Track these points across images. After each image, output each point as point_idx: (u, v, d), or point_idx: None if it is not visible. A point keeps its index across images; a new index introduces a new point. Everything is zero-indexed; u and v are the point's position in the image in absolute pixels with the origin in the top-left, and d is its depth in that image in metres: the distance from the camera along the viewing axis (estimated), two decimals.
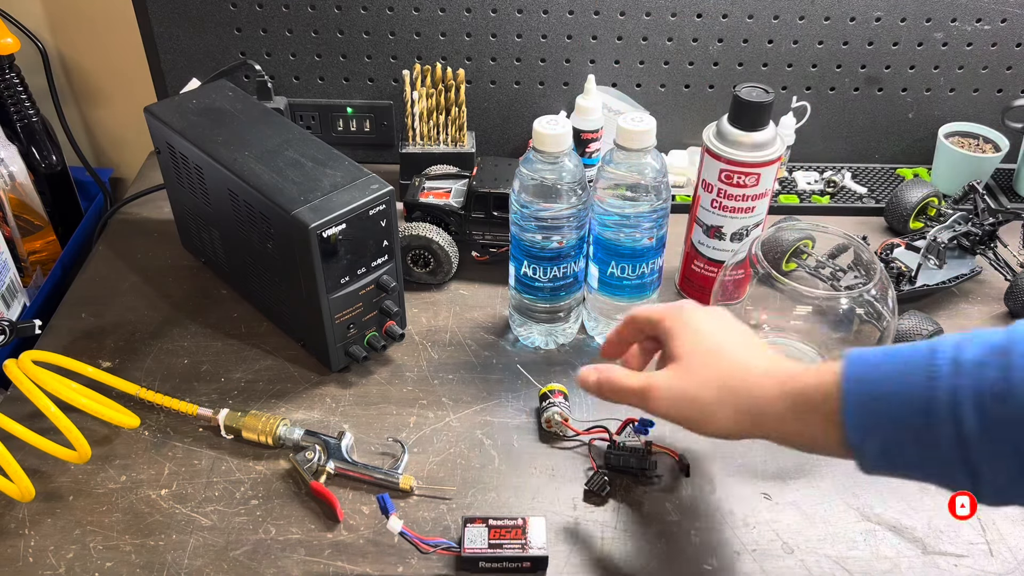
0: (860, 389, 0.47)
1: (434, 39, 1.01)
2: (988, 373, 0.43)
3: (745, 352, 0.56)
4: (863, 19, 0.98)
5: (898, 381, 0.46)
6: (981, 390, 0.43)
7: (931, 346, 0.46)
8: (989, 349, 0.44)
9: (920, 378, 0.45)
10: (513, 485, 0.68)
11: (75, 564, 0.62)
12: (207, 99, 0.83)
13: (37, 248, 1.01)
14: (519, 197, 0.73)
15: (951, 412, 0.43)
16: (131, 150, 1.20)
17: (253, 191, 0.71)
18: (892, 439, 0.46)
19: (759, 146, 0.76)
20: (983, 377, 0.43)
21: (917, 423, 0.44)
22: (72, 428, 0.65)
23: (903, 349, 0.47)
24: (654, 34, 1.00)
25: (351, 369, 0.79)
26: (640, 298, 0.79)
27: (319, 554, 0.63)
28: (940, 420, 0.44)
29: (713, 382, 0.54)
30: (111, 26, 1.07)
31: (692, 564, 0.62)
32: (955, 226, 0.88)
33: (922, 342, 0.47)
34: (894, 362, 0.47)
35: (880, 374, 0.47)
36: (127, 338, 0.82)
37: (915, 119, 1.07)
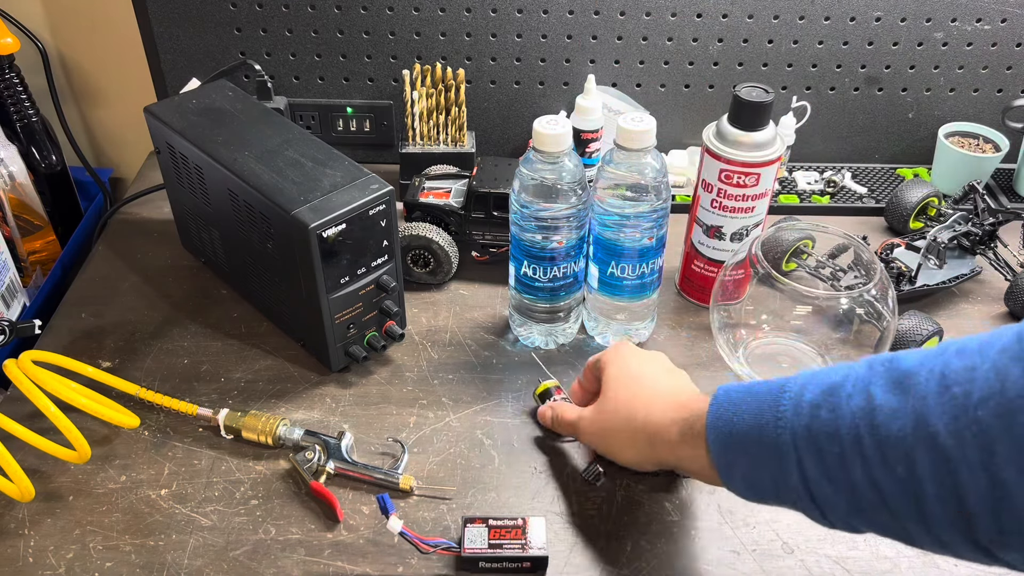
0: (720, 427, 0.52)
1: (434, 39, 1.01)
2: (821, 413, 0.46)
3: (655, 383, 0.62)
4: (863, 19, 0.98)
5: (751, 420, 0.50)
6: (815, 430, 0.46)
7: (783, 384, 0.50)
8: (824, 389, 0.47)
9: (769, 418, 0.49)
10: (513, 485, 0.68)
11: (75, 564, 0.62)
12: (207, 99, 0.83)
13: (37, 248, 1.01)
14: (519, 197, 0.73)
15: (793, 453, 0.47)
16: (131, 150, 1.20)
17: (253, 191, 0.71)
18: (751, 474, 0.50)
19: (759, 146, 0.76)
20: (817, 417, 0.46)
21: (768, 460, 0.48)
22: (72, 428, 0.65)
23: (761, 386, 0.51)
24: (654, 34, 1.00)
25: (351, 369, 0.79)
26: (640, 298, 0.79)
27: (319, 554, 0.63)
28: (785, 459, 0.47)
29: (622, 411, 0.61)
30: (111, 26, 1.07)
31: (692, 564, 0.62)
32: (955, 226, 0.88)
33: (780, 379, 0.50)
34: (750, 400, 0.51)
35: (737, 412, 0.51)
36: (127, 338, 0.82)
37: (915, 119, 1.07)
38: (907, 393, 0.43)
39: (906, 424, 0.42)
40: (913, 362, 0.44)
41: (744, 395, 0.51)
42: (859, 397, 0.45)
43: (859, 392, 0.45)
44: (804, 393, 0.48)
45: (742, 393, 0.52)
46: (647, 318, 0.82)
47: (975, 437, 0.39)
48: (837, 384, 0.46)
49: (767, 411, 0.49)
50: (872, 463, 0.43)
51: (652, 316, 0.83)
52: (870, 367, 0.46)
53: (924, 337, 0.75)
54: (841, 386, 0.46)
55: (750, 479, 0.51)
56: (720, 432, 0.52)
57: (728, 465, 0.52)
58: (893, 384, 0.44)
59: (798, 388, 0.48)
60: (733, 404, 0.52)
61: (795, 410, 0.47)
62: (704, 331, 0.84)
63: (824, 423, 0.45)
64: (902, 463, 0.42)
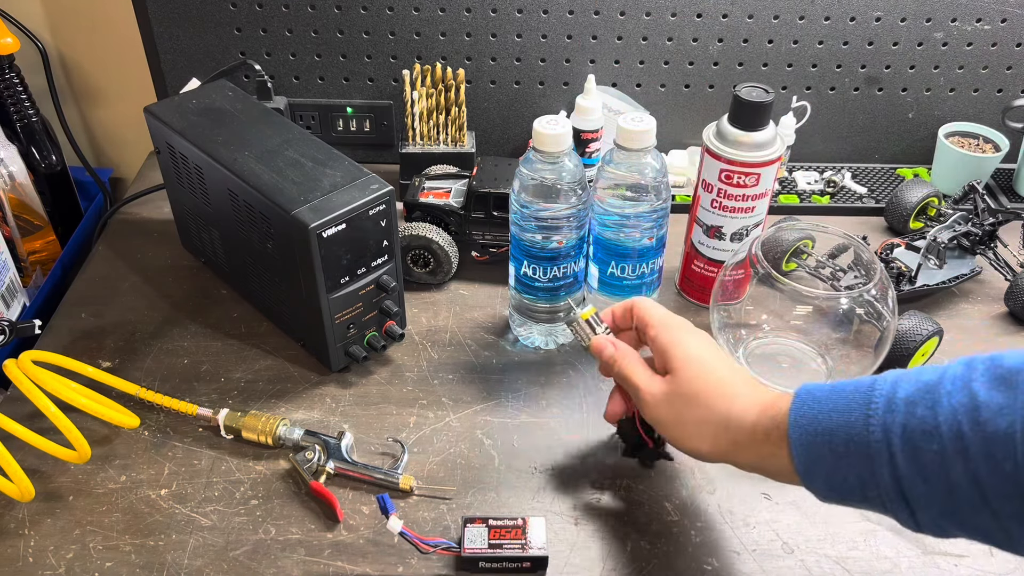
0: (804, 424, 0.50)
1: (434, 39, 1.01)
2: (918, 411, 0.44)
3: (731, 377, 0.58)
4: (863, 19, 0.98)
5: (838, 418, 0.48)
6: (911, 428, 0.44)
7: (872, 383, 0.48)
8: (921, 386, 0.45)
9: (858, 415, 0.47)
10: (513, 485, 0.68)
11: (75, 564, 0.62)
12: (207, 99, 0.83)
13: (37, 248, 1.01)
14: (519, 197, 0.73)
15: (886, 449, 0.45)
16: (131, 150, 1.20)
17: (253, 191, 0.71)
18: (835, 474, 0.48)
19: (759, 146, 0.76)
20: (913, 415, 0.45)
21: (856, 459, 0.47)
22: (72, 428, 0.65)
23: (847, 385, 0.49)
24: (654, 34, 1.00)
25: (351, 369, 0.79)
26: None
27: (319, 554, 0.63)
28: (876, 457, 0.45)
29: (702, 400, 0.57)
30: (111, 26, 1.07)
31: (692, 564, 0.62)
32: (955, 226, 0.88)
33: (867, 378, 0.49)
34: (836, 398, 0.49)
35: (823, 410, 0.49)
36: (127, 338, 0.82)
37: (915, 119, 1.07)
38: (1014, 389, 0.42)
39: (1015, 420, 0.41)
40: (1017, 360, 0.43)
41: (829, 392, 0.50)
42: (960, 394, 0.43)
43: (959, 389, 0.44)
44: (897, 390, 0.46)
45: (826, 391, 0.50)
46: None
47: None
48: (934, 382, 0.45)
49: (856, 408, 0.47)
50: (976, 461, 0.42)
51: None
52: (968, 365, 0.45)
53: (924, 337, 0.75)
54: (939, 384, 0.45)
55: (834, 479, 0.48)
56: (804, 430, 0.49)
57: (810, 464, 0.49)
58: (997, 381, 0.43)
59: (889, 385, 0.47)
60: (817, 402, 0.50)
61: (888, 406, 0.46)
62: (704, 331, 0.84)
63: (921, 420, 0.44)
64: (1010, 460, 0.40)
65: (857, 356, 0.73)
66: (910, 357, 0.75)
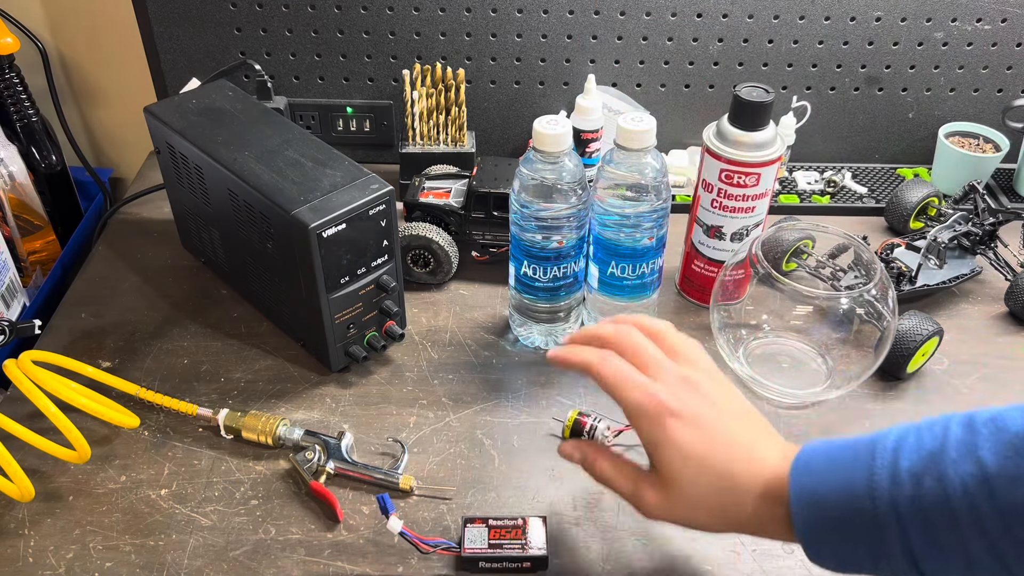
0: (805, 500, 0.47)
1: (434, 39, 1.01)
2: (925, 482, 0.43)
3: (730, 462, 0.51)
4: (863, 19, 0.98)
5: (841, 493, 0.46)
6: (920, 502, 0.43)
7: (871, 450, 0.46)
8: (924, 456, 0.44)
9: (862, 489, 0.45)
10: (513, 485, 0.68)
11: (75, 564, 0.62)
12: (207, 99, 0.83)
13: (37, 248, 1.01)
14: (519, 197, 0.73)
15: (895, 524, 0.44)
16: (131, 150, 1.20)
17: (253, 191, 0.71)
18: (843, 550, 0.46)
19: (759, 146, 0.76)
20: (920, 486, 0.43)
21: (864, 536, 0.45)
22: (72, 428, 0.65)
23: (845, 451, 0.47)
24: (654, 34, 1.00)
25: (351, 369, 0.79)
26: (640, 298, 0.79)
27: (319, 554, 0.63)
28: (886, 532, 0.44)
29: (703, 505, 0.52)
30: (111, 26, 1.07)
31: (692, 564, 0.62)
32: (955, 226, 0.88)
33: (865, 442, 0.47)
34: (836, 468, 0.47)
35: (823, 482, 0.47)
36: (127, 338, 0.82)
37: (915, 119, 1.07)
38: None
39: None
40: (1019, 422, 0.42)
41: (827, 463, 0.48)
42: (967, 463, 0.42)
43: (965, 457, 0.42)
44: (899, 460, 0.45)
45: (824, 460, 0.48)
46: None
47: None
48: (937, 450, 0.43)
49: (858, 481, 0.45)
50: (993, 534, 0.41)
51: (652, 316, 0.83)
52: (970, 428, 0.44)
53: (924, 337, 0.75)
54: (943, 452, 0.43)
55: (842, 554, 0.47)
56: (806, 507, 0.47)
57: (816, 542, 0.47)
58: (1006, 448, 0.41)
59: (890, 453, 0.45)
60: (816, 475, 0.48)
61: (892, 479, 0.44)
62: (704, 331, 0.84)
63: (931, 493, 0.42)
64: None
65: (857, 356, 0.73)
66: (910, 357, 0.75)
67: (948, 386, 0.78)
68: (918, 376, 0.79)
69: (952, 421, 0.45)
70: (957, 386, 0.78)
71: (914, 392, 0.78)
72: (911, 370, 0.77)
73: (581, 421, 0.70)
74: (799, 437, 0.73)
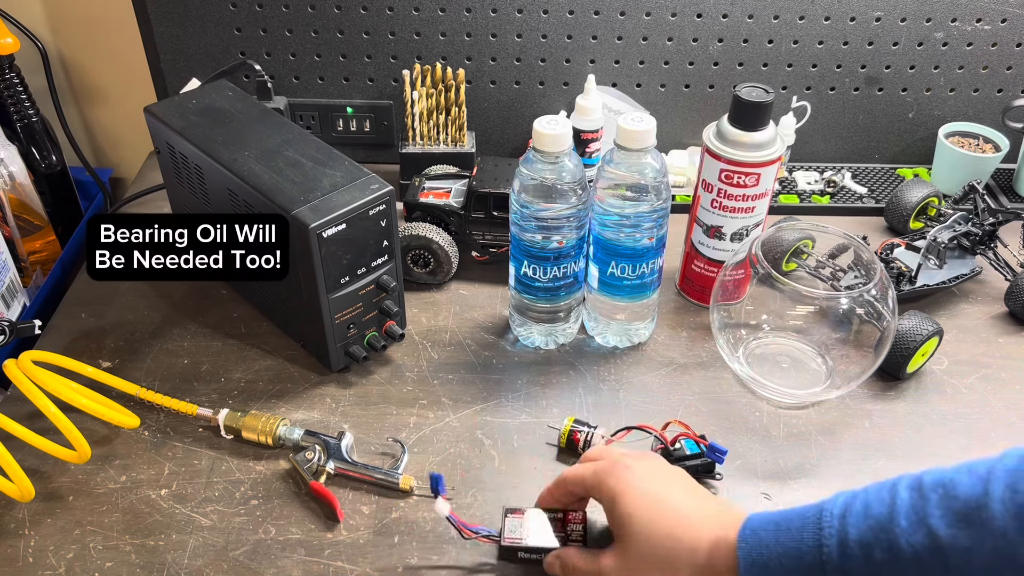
0: (755, 572, 0.47)
1: (434, 39, 1.01)
2: (875, 554, 0.42)
3: (678, 527, 0.53)
4: (863, 19, 0.98)
5: (791, 565, 0.46)
6: (871, 572, 0.42)
7: (818, 519, 0.46)
8: (873, 524, 0.43)
9: (812, 561, 0.44)
10: (513, 485, 0.68)
11: (75, 564, 0.62)
12: (207, 99, 0.83)
13: (37, 248, 1.01)
14: (519, 197, 0.73)
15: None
16: (131, 150, 1.20)
17: (253, 191, 0.71)
18: None
19: (759, 146, 0.76)
20: (871, 559, 0.42)
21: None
22: (72, 428, 0.65)
23: (792, 521, 0.47)
24: (654, 34, 1.00)
25: (351, 369, 0.79)
26: (640, 298, 0.79)
27: (319, 554, 0.63)
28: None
29: (655, 567, 0.53)
30: (111, 26, 1.07)
31: None
32: (955, 226, 0.88)
33: (812, 511, 0.47)
34: (785, 540, 0.47)
35: (772, 555, 0.47)
36: (127, 338, 0.82)
37: (915, 119, 1.07)
38: (977, 528, 0.40)
39: (988, 562, 0.39)
40: (969, 488, 0.41)
41: (775, 532, 0.47)
42: (918, 534, 0.42)
43: (915, 527, 0.42)
44: (847, 529, 0.44)
45: (772, 532, 0.48)
46: (647, 318, 0.82)
47: None
48: (885, 518, 0.43)
49: (807, 553, 0.45)
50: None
51: (652, 316, 0.83)
52: (918, 492, 0.43)
53: (924, 337, 0.75)
54: (891, 520, 0.43)
55: None
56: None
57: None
58: (957, 518, 0.41)
59: (838, 522, 0.45)
60: (766, 547, 0.47)
61: (841, 551, 0.44)
62: (704, 331, 0.84)
63: (883, 566, 0.42)
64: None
65: (857, 356, 0.73)
66: (910, 357, 0.75)
67: (948, 386, 0.78)
68: (918, 376, 0.79)
69: (900, 485, 0.44)
70: (957, 386, 0.78)
71: (914, 392, 0.78)
72: (911, 370, 0.77)
73: (574, 438, 0.70)
74: (799, 437, 0.73)
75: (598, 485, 0.56)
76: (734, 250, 0.78)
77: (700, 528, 0.52)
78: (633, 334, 0.82)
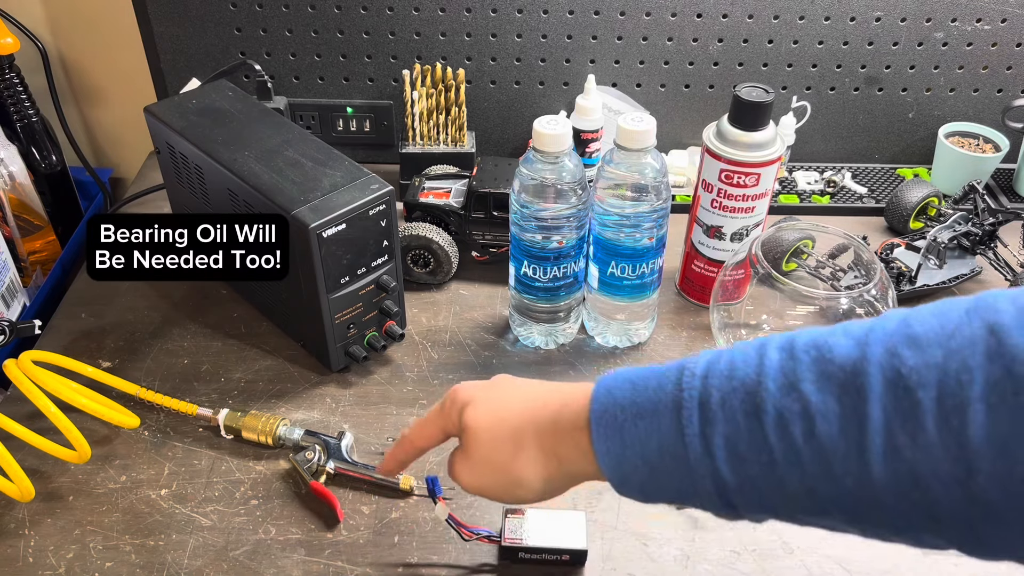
0: (609, 437, 0.43)
1: (434, 39, 1.01)
2: (738, 418, 0.38)
3: (526, 407, 0.49)
4: (863, 19, 0.98)
5: (647, 426, 0.42)
6: (734, 438, 0.39)
7: (678, 378, 0.42)
8: (738, 386, 0.39)
9: (669, 424, 0.41)
10: None
11: (75, 564, 0.62)
12: (207, 99, 0.83)
13: (37, 248, 1.01)
14: (519, 197, 0.73)
15: (707, 461, 0.39)
16: (131, 150, 1.20)
17: (253, 191, 0.71)
18: (650, 484, 0.43)
19: (759, 146, 0.76)
20: (734, 421, 0.39)
21: (674, 471, 0.41)
22: (72, 428, 0.65)
23: (649, 380, 0.43)
24: (654, 34, 1.00)
25: (351, 369, 0.79)
26: (640, 298, 0.79)
27: (319, 554, 0.63)
28: (697, 469, 0.40)
29: (506, 432, 0.49)
30: (111, 26, 1.07)
31: (692, 564, 0.62)
32: (955, 226, 0.88)
33: (672, 370, 0.42)
34: (642, 401, 0.42)
35: (628, 416, 0.43)
36: (127, 338, 0.82)
37: (915, 119, 1.07)
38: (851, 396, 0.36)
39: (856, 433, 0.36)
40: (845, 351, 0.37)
41: (631, 392, 0.43)
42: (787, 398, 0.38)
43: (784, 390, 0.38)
44: (709, 390, 0.40)
45: (628, 389, 0.43)
46: (647, 318, 0.82)
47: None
48: (752, 381, 0.39)
49: (664, 414, 0.41)
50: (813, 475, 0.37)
51: (652, 316, 0.83)
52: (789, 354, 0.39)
53: None
54: (759, 382, 0.39)
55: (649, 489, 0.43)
56: (610, 446, 0.43)
57: (623, 479, 0.43)
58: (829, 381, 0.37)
59: (700, 382, 0.41)
60: (620, 408, 0.43)
61: (702, 413, 0.40)
62: (704, 331, 0.84)
63: (747, 430, 0.38)
64: (851, 475, 0.36)
65: None
66: None
67: None
68: None
69: (769, 345, 0.40)
70: None
71: None
72: None
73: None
74: None
75: (445, 411, 0.53)
76: (734, 250, 0.78)
77: (545, 400, 0.48)
78: (633, 334, 0.82)
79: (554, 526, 0.62)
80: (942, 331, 0.35)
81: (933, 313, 0.37)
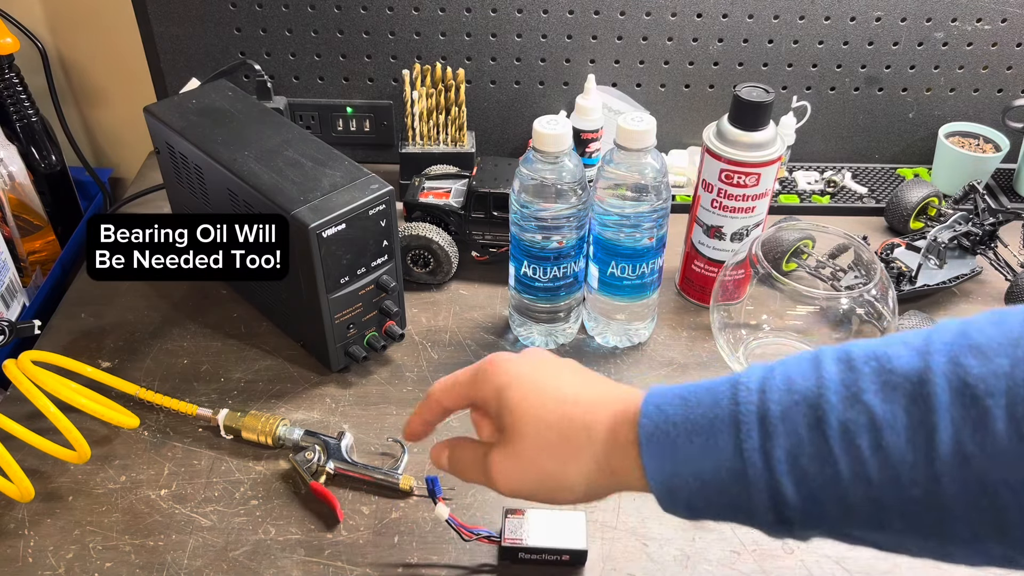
0: (661, 456, 0.42)
1: (434, 39, 1.01)
2: (801, 431, 0.38)
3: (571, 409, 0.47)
4: (863, 19, 0.98)
5: (703, 443, 0.41)
6: (797, 452, 0.38)
7: (733, 394, 0.41)
8: (799, 400, 0.38)
9: (728, 441, 0.40)
10: None
11: (75, 564, 0.62)
12: (207, 99, 0.83)
13: (37, 248, 1.01)
14: (519, 197, 0.73)
15: (766, 476, 0.38)
16: (131, 150, 1.20)
17: (253, 191, 0.71)
18: (699, 501, 0.42)
19: (759, 146, 0.76)
20: (796, 434, 0.38)
21: (729, 488, 0.40)
22: (72, 428, 0.65)
23: (703, 399, 0.42)
24: (654, 34, 1.00)
25: (351, 369, 0.79)
26: (640, 298, 0.79)
27: (319, 554, 0.63)
28: (754, 484, 0.39)
29: (548, 453, 0.47)
30: (111, 26, 1.07)
31: (692, 564, 0.62)
32: (955, 226, 0.88)
33: (726, 386, 0.41)
34: (695, 419, 0.41)
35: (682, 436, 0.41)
36: (127, 338, 0.82)
37: (915, 119, 1.07)
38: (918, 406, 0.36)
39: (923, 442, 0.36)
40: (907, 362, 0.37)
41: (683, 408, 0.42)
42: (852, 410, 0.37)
43: (847, 403, 0.37)
44: (768, 404, 0.39)
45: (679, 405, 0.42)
46: (647, 318, 0.82)
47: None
48: (813, 393, 0.38)
49: (721, 432, 0.40)
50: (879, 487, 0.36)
51: (652, 316, 0.83)
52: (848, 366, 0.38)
53: None
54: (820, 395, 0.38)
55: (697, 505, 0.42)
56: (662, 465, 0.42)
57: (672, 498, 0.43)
58: (893, 391, 0.37)
59: (756, 396, 0.40)
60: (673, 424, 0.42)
61: (762, 428, 0.39)
62: (704, 331, 0.84)
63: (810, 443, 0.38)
64: (918, 486, 0.36)
65: None
66: None
67: None
68: None
69: (824, 358, 0.39)
70: None
71: None
72: None
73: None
74: None
75: (478, 383, 0.51)
76: (734, 250, 0.78)
77: (595, 406, 0.47)
78: (633, 334, 0.82)
79: (554, 526, 0.62)
80: (1006, 340, 0.36)
81: (991, 323, 0.37)
